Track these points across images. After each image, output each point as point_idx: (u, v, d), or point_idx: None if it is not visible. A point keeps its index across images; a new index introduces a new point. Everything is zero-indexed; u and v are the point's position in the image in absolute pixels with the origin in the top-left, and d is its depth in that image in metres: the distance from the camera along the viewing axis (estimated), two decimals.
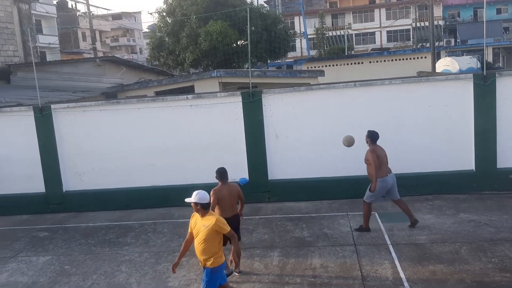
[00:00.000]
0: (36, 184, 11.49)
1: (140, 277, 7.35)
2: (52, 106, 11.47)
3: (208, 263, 5.60)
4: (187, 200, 5.60)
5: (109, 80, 18.43)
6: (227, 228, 5.59)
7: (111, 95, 17.22)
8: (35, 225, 10.66)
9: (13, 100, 13.00)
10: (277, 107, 10.75)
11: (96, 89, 17.45)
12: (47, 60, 32.20)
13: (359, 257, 7.44)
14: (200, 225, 5.56)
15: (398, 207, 8.56)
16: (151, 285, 7.09)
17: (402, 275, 6.73)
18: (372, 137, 8.29)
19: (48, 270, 7.90)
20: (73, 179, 11.52)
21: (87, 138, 11.33)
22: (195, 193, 5.53)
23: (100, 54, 44.35)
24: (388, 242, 7.95)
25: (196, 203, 5.50)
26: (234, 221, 6.94)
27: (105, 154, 11.30)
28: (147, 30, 61.39)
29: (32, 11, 20.78)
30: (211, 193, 6.69)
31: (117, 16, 69.09)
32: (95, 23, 36.95)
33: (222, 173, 7.09)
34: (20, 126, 11.44)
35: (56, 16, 45.75)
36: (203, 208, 5.52)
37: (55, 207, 11.47)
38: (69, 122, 11.37)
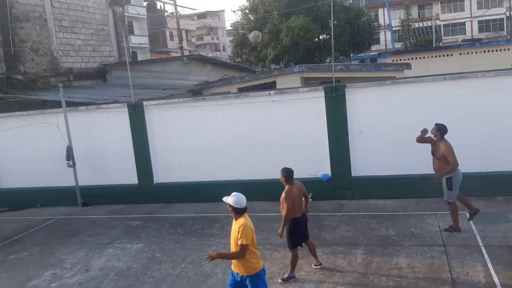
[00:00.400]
0: (130, 176, 12.27)
1: (225, 268, 7.58)
2: (144, 103, 12.17)
3: (241, 271, 5.24)
4: (224, 199, 5.31)
5: (195, 78, 19.14)
6: (243, 240, 5.08)
7: (197, 92, 17.88)
8: (129, 214, 11.40)
9: (109, 98, 13.96)
10: (361, 101, 10.53)
11: (183, 86, 18.20)
12: (138, 59, 34.08)
13: (449, 258, 7.11)
14: (232, 227, 5.32)
15: (490, 208, 8.04)
16: None
17: (495, 279, 6.33)
18: (442, 130, 7.84)
19: (141, 257, 8.42)
20: (163, 172, 12.14)
21: (175, 133, 11.89)
22: (232, 194, 5.25)
23: (186, 53, 46.11)
24: (480, 243, 7.51)
25: (230, 205, 5.23)
26: (304, 220, 6.91)
27: (191, 149, 11.78)
28: (230, 28, 62.73)
29: (125, 13, 22.09)
30: (285, 197, 6.57)
31: (202, 15, 71.37)
32: (181, 23, 38.46)
33: (290, 174, 6.82)
34: (116, 122, 12.26)
35: (146, 17, 48.26)
36: (236, 212, 5.22)
37: (147, 198, 12.17)
38: (159, 118, 12.00)
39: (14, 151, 13.13)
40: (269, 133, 11.15)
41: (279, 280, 6.89)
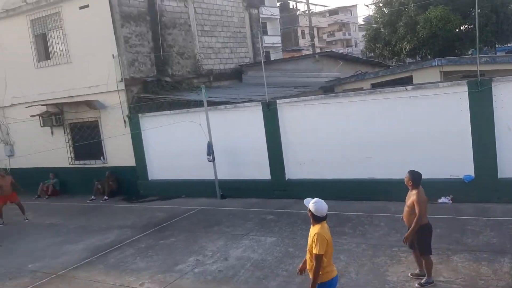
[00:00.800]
0: (263, 172, 12.77)
1: (358, 267, 7.52)
2: (277, 101, 12.55)
3: (311, 275, 5.19)
4: (305, 201, 5.27)
5: (326, 75, 19.13)
6: (317, 250, 5.00)
7: (328, 89, 17.86)
8: (263, 208, 11.87)
9: (245, 97, 14.66)
10: (510, 96, 9.57)
11: (315, 84, 18.31)
12: (271, 59, 35.10)
13: None
14: (309, 233, 5.25)
15: None
16: (369, 276, 7.19)
17: None
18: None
19: (274, 250, 8.74)
20: (295, 168, 12.41)
21: (307, 130, 12.05)
22: (314, 200, 5.20)
23: (317, 50, 46.27)
24: None
25: (309, 211, 5.19)
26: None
27: (323, 146, 11.83)
28: (363, 23, 61.33)
29: (260, 15, 22.92)
30: (419, 201, 6.28)
31: (333, 12, 70.91)
32: (313, 21, 38.67)
33: (419, 178, 6.48)
34: (251, 119, 12.85)
35: (279, 17, 49.46)
36: (314, 219, 5.17)
37: (279, 193, 12.55)
38: (292, 115, 12.27)
39: (162, 146, 14.53)
40: (405, 130, 10.71)
41: (416, 285, 6.63)
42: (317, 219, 5.17)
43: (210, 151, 13.03)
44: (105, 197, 15.17)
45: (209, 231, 10.45)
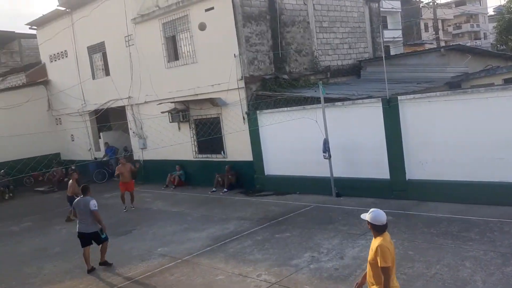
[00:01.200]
0: (381, 171, 12.39)
1: (485, 276, 6.98)
2: (399, 97, 12.07)
3: None
4: (362, 216, 4.94)
5: (453, 70, 17.90)
6: (382, 263, 4.65)
7: (454, 84, 16.73)
8: (380, 208, 11.46)
9: (363, 93, 14.34)
10: None
11: (440, 79, 17.26)
12: (391, 53, 33.80)
13: None
14: (371, 246, 4.91)
15: None
16: (498, 287, 6.64)
17: None
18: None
19: None
20: (416, 168, 11.84)
21: (430, 128, 11.43)
22: (370, 210, 4.91)
23: (442, 43, 43.48)
24: None
25: (368, 222, 4.88)
26: None
27: (448, 145, 11.14)
28: (493, 13, 56.26)
29: (380, 9, 22.18)
30: None
31: (460, 2, 65.99)
32: (438, 12, 36.38)
33: None
34: (369, 116, 12.53)
35: (400, 10, 47.39)
36: (375, 230, 4.86)
37: (398, 194, 12.08)
38: (414, 112, 11.72)
39: (279, 142, 14.83)
40: None
41: None
42: (378, 229, 4.85)
43: (326, 148, 12.98)
44: (225, 190, 15.93)
45: (324, 228, 10.43)
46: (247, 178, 15.93)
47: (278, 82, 16.20)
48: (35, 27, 24.65)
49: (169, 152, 17.48)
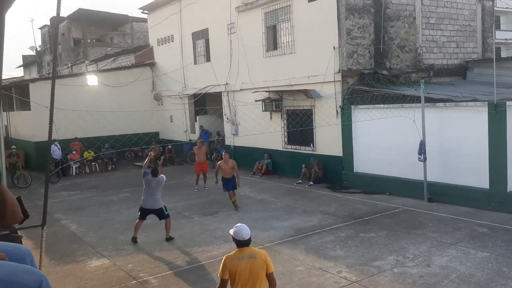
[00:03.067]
0: (480, 179, 11.62)
1: None
2: (507, 103, 11.19)
3: None
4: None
5: None
6: (219, 273, 4.99)
7: None
8: (475, 219, 10.83)
9: (469, 95, 13.46)
10: None
11: None
12: (501, 56, 31.25)
13: None
14: None
15: None
16: None
17: None
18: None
19: (485, 267, 7.92)
20: None
21: None
22: (236, 225, 5.15)
23: None
24: None
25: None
26: None
27: None
28: None
29: (494, 8, 20.53)
30: None
31: None
32: None
33: None
34: (472, 120, 11.78)
35: None
36: (235, 242, 5.09)
37: (497, 206, 11.27)
38: None
39: (371, 139, 14.45)
40: None
41: None
42: (236, 244, 5.08)
43: (422, 150, 12.42)
44: (311, 183, 15.89)
45: (412, 233, 10.04)
46: (334, 173, 15.75)
47: (377, 77, 15.74)
48: (147, 12, 26.23)
49: (259, 140, 17.78)
